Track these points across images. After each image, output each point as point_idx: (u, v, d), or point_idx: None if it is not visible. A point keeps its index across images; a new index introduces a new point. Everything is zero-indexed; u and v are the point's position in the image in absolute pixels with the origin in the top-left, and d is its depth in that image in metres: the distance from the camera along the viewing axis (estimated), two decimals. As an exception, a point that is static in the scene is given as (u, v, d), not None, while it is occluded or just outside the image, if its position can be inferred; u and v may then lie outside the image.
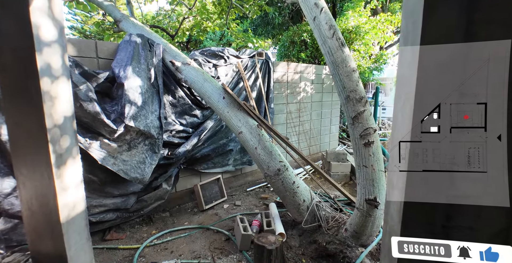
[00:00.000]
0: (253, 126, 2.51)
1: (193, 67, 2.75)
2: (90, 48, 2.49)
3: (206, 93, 2.65)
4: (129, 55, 2.55)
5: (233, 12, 5.34)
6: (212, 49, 3.24)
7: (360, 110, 1.90)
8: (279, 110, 4.28)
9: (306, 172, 3.14)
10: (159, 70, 2.81)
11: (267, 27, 8.74)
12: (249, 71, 3.72)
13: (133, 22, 3.19)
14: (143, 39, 2.71)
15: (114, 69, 2.49)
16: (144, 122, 2.56)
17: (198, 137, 3.12)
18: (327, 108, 5.19)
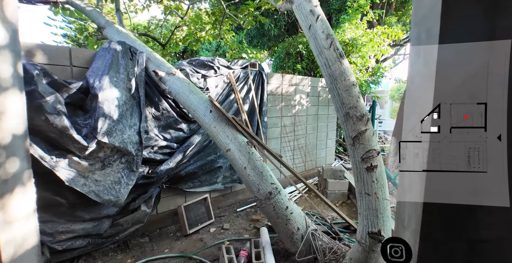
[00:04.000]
0: (243, 143, 2.26)
1: (178, 77, 2.52)
2: (63, 55, 2.26)
3: (192, 106, 2.41)
4: (107, 63, 2.32)
5: (227, 22, 5.21)
6: (201, 59, 3.03)
7: (361, 130, 1.67)
8: (273, 124, 4.05)
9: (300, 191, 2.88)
10: (141, 80, 2.57)
11: (262, 39, 8.66)
12: (241, 83, 3.51)
13: (117, 29, 2.99)
14: (124, 47, 2.49)
15: (88, 79, 2.25)
16: (120, 137, 2.30)
17: (183, 153, 2.85)
18: (323, 121, 4.98)
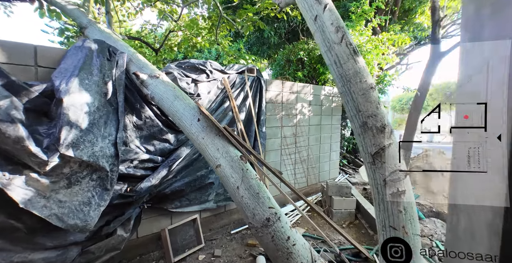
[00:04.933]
0: (235, 158, 1.90)
1: (162, 81, 2.19)
2: (26, 53, 1.93)
3: (177, 113, 2.06)
4: (78, 63, 1.99)
5: (225, 27, 4.95)
6: (191, 61, 2.72)
7: (383, 145, 1.31)
8: (272, 135, 3.70)
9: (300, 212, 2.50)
10: (120, 84, 2.24)
11: (262, 47, 8.44)
12: (237, 89, 3.18)
13: (99, 29, 2.68)
14: (101, 46, 2.17)
15: (54, 81, 1.91)
16: (89, 150, 1.93)
17: (168, 167, 2.48)
18: (327, 132, 4.63)
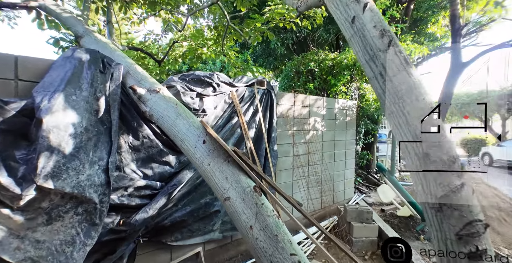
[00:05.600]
0: (248, 189, 1.57)
1: (162, 96, 1.90)
2: (6, 65, 1.66)
3: (179, 134, 1.75)
4: (65, 77, 1.71)
5: (232, 38, 4.74)
6: (197, 74, 2.44)
7: (454, 186, 0.98)
8: (284, 153, 3.36)
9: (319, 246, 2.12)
10: (115, 99, 1.95)
11: (268, 58, 8.25)
12: (246, 103, 2.88)
13: (95, 38, 2.44)
14: (94, 56, 1.90)
15: (35, 97, 1.62)
16: (74, 179, 1.62)
17: (168, 195, 2.15)
18: (341, 149, 4.28)
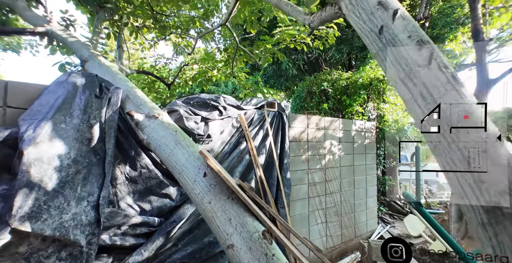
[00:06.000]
0: (255, 235, 1.29)
1: (161, 122, 1.71)
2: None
3: (177, 165, 1.54)
4: (55, 103, 1.57)
5: (242, 60, 4.68)
6: (202, 97, 2.27)
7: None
8: (298, 180, 3.06)
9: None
10: (111, 126, 1.78)
11: (279, 79, 8.19)
12: (255, 127, 2.67)
13: (99, 62, 2.36)
14: (89, 80, 1.77)
15: (20, 126, 1.47)
16: (56, 220, 1.40)
17: (166, 234, 1.89)
18: (361, 174, 3.92)
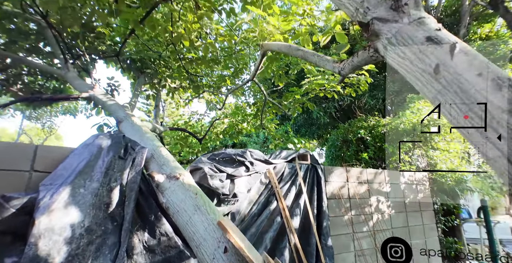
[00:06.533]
0: None
1: (181, 184, 1.57)
2: (23, 155, 1.57)
3: (194, 237, 1.33)
4: (77, 166, 1.54)
5: (271, 111, 4.71)
6: (228, 152, 2.16)
7: None
8: (342, 247, 2.57)
9: None
10: (133, 189, 1.68)
11: (311, 128, 8.06)
12: (286, 183, 2.41)
13: (132, 122, 2.45)
14: (115, 141, 1.76)
15: (40, 191, 1.43)
16: (53, 306, 1.20)
17: None
18: (419, 237, 3.24)
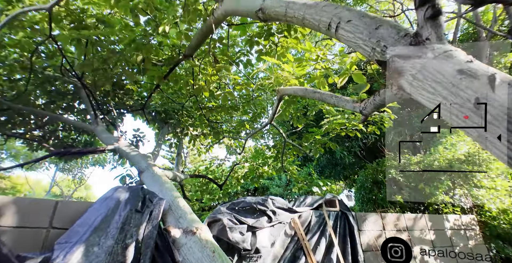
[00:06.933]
0: None
1: (198, 239, 1.46)
2: (41, 211, 1.57)
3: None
4: (94, 222, 1.50)
5: (291, 153, 4.61)
6: (247, 200, 2.03)
7: None
8: (388, 312, 2.15)
9: None
10: (149, 245, 1.58)
11: (335, 168, 7.70)
12: (314, 234, 2.17)
13: (153, 172, 2.46)
14: (133, 195, 1.73)
15: (54, 250, 1.38)
16: None
17: None
18: (484, 298, 2.67)
